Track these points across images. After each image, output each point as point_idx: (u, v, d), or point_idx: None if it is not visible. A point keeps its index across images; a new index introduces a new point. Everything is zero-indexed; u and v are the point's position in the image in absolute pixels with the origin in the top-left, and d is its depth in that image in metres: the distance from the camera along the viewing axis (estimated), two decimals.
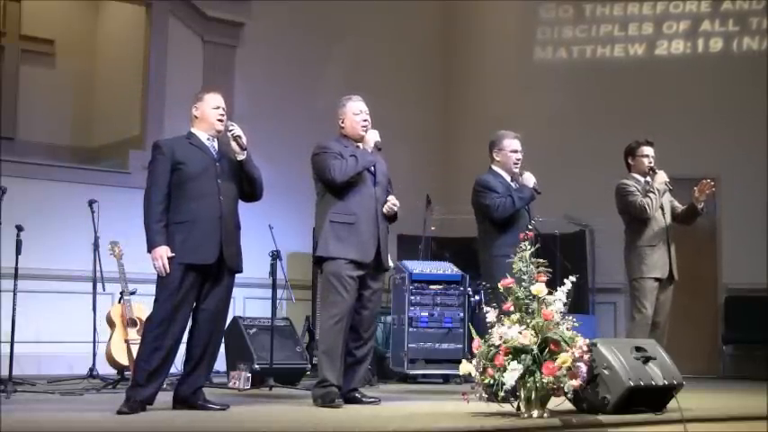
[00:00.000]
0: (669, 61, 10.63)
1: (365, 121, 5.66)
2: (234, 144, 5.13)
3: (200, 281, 5.01)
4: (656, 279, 6.48)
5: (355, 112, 5.66)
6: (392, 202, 5.64)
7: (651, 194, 6.51)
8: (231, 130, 5.15)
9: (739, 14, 10.48)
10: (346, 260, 5.45)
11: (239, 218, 5.25)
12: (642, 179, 6.64)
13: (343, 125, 5.70)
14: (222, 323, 5.24)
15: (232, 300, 9.03)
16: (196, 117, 5.21)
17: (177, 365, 5.20)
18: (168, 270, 4.88)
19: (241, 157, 5.14)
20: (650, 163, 6.62)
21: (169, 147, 5.09)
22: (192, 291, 4.98)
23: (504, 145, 6.31)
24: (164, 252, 4.89)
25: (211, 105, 5.20)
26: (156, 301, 4.96)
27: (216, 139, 5.20)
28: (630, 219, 6.63)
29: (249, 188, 5.26)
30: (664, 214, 6.59)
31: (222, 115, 5.19)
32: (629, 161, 6.73)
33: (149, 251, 4.93)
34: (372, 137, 5.61)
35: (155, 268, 4.93)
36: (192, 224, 4.97)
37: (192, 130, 5.21)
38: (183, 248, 4.93)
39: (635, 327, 6.42)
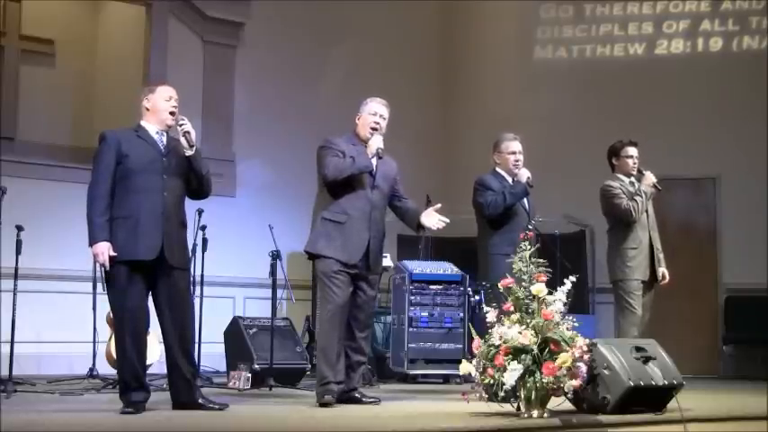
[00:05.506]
0: (669, 61, 10.62)
1: (376, 123, 5.63)
2: (183, 139, 5.02)
3: (146, 278, 4.92)
4: (640, 281, 6.44)
5: (371, 112, 5.65)
6: (441, 220, 5.62)
7: (637, 197, 6.46)
8: (182, 125, 5.04)
9: (739, 14, 10.47)
10: (333, 259, 5.45)
11: (185, 216, 5.14)
12: (627, 179, 6.61)
13: (357, 122, 5.70)
14: (186, 319, 5.03)
15: (232, 300, 9.12)
16: (147, 109, 5.13)
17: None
18: (108, 266, 4.83)
19: (189, 153, 5.02)
20: (635, 164, 6.60)
21: (115, 138, 5.02)
22: (139, 287, 4.89)
23: (503, 147, 6.36)
24: (105, 248, 4.82)
25: (164, 97, 5.11)
26: (110, 305, 4.95)
27: (165, 134, 5.10)
28: (615, 221, 6.60)
29: (197, 185, 5.13)
30: (648, 216, 6.55)
31: (174, 107, 5.10)
32: (613, 161, 6.69)
33: (90, 245, 4.87)
34: (375, 142, 5.58)
35: (97, 263, 4.92)
36: (134, 220, 4.88)
37: (142, 122, 5.13)
38: (124, 246, 4.85)
39: (625, 328, 6.35)
